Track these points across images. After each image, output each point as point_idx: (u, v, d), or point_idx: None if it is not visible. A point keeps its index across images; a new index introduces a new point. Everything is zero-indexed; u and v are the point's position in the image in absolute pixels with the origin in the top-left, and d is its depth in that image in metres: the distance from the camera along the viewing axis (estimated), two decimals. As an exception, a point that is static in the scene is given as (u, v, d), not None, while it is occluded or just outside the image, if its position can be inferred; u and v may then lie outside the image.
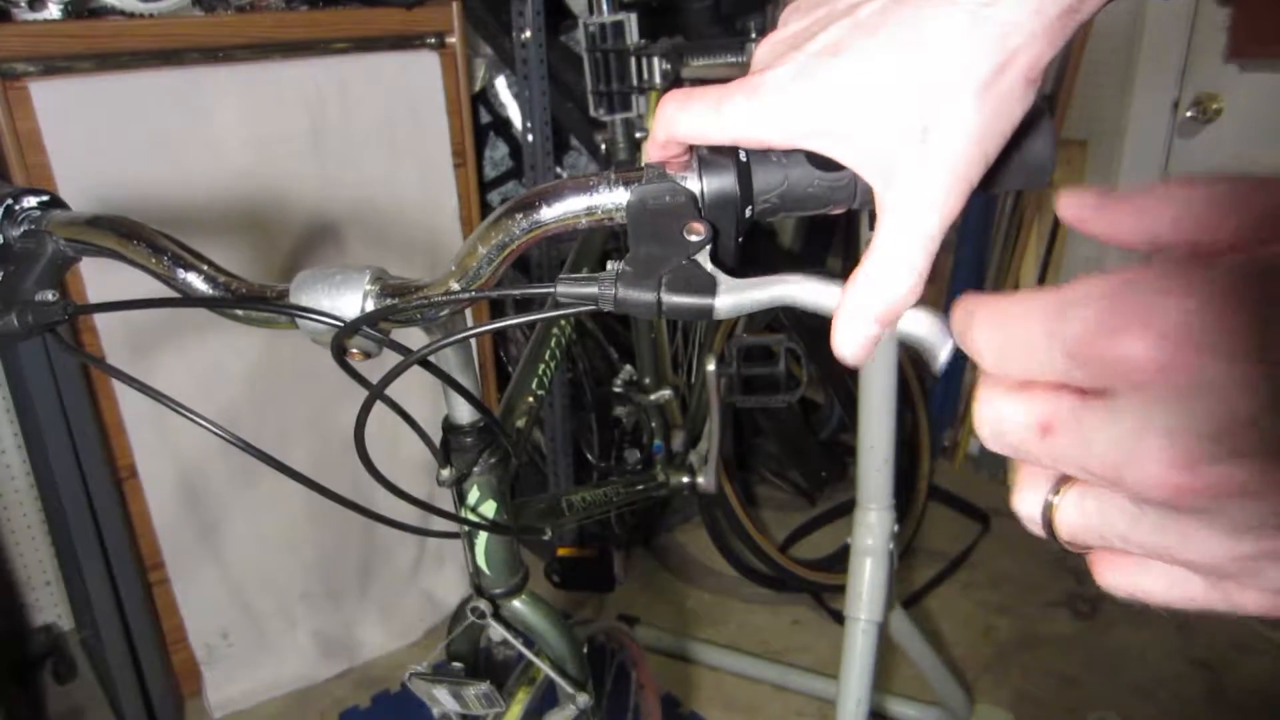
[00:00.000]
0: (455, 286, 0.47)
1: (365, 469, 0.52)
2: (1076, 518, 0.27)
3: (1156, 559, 0.26)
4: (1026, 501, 0.28)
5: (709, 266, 0.39)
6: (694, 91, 0.38)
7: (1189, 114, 2.21)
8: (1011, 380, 0.26)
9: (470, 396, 0.62)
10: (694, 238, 0.39)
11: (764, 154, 0.40)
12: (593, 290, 0.40)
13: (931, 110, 0.33)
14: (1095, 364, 0.23)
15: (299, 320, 0.49)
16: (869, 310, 0.35)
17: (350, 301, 0.49)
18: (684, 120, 0.38)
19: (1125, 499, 0.25)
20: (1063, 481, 0.27)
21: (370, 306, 0.49)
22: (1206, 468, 0.21)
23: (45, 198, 0.57)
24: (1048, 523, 0.28)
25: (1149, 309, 0.22)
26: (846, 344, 0.36)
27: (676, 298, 0.39)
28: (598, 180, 0.43)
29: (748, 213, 0.40)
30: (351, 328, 0.47)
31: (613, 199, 0.42)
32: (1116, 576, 0.28)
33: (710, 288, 0.39)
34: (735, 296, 0.39)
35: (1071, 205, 0.29)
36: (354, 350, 0.48)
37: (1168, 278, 0.22)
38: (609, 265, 0.41)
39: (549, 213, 0.44)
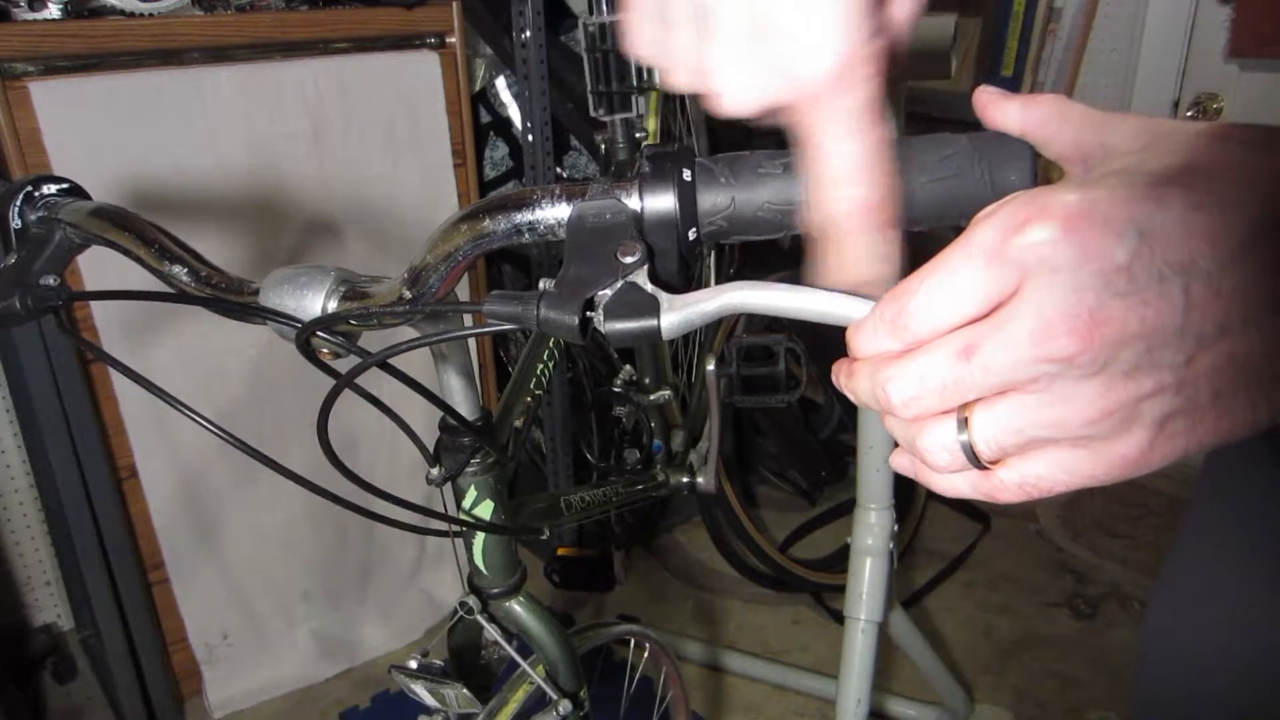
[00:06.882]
0: (408, 295, 0.48)
1: (329, 461, 0.52)
2: (992, 424, 0.30)
3: (1056, 433, 0.30)
4: (935, 439, 0.31)
5: (649, 287, 0.38)
6: None
7: (1189, 114, 2.21)
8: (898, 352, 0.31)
9: (437, 400, 0.59)
10: (627, 259, 0.38)
11: (711, 175, 0.39)
12: (518, 310, 0.39)
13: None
14: (1008, 259, 0.28)
15: (266, 318, 0.50)
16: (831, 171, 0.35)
17: (313, 302, 0.50)
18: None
19: (1026, 390, 0.29)
20: (962, 411, 0.31)
21: (333, 308, 0.50)
22: (1104, 314, 0.27)
23: (65, 185, 0.59)
24: (968, 447, 0.31)
25: (1043, 203, 0.28)
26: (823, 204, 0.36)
27: (619, 324, 0.37)
28: (543, 194, 0.42)
29: (691, 234, 0.39)
30: (308, 329, 0.47)
31: (554, 214, 0.41)
32: (1008, 473, 0.31)
33: (653, 308, 0.37)
34: (682, 314, 0.37)
35: (981, 96, 0.37)
36: (324, 350, 0.49)
37: (1046, 189, 0.29)
38: (541, 284, 0.39)
39: (491, 226, 0.43)
